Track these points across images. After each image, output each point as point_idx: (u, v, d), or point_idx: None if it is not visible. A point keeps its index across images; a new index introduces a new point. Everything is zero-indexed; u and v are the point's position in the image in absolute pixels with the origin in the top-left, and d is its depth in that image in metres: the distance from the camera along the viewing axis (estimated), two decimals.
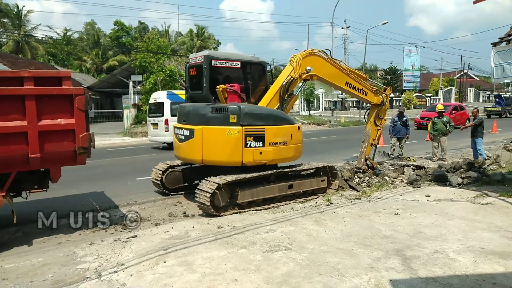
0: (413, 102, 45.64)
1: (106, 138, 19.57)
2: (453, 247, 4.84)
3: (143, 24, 58.75)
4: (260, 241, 5.11)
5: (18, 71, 5.22)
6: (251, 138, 6.70)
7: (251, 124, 6.71)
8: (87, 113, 5.53)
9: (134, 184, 9.48)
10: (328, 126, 28.49)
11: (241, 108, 6.67)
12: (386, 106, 9.84)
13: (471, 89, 61.10)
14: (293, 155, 7.42)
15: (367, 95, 9.26)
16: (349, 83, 8.73)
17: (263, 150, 6.82)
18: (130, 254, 4.78)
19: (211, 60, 7.22)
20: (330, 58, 8.38)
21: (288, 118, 7.45)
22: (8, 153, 5.08)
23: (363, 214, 6.36)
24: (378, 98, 9.54)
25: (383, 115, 9.84)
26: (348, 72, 8.72)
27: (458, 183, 8.45)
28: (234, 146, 6.63)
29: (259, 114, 6.89)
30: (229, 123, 6.62)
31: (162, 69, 25.69)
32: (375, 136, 9.83)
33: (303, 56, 7.86)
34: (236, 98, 7.25)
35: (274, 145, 6.95)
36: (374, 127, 9.75)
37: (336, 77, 8.53)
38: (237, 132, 6.60)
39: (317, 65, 8.06)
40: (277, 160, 7.16)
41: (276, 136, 6.96)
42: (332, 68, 8.40)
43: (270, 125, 6.91)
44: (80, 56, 51.04)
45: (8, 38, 40.22)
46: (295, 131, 7.33)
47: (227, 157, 6.73)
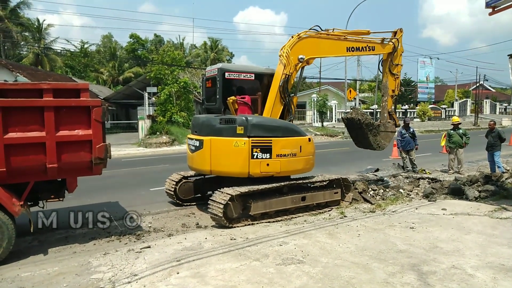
0: (427, 114, 45.10)
1: (121, 149, 19.81)
2: (471, 263, 4.73)
3: (158, 37, 59.77)
4: (273, 254, 5.07)
5: (38, 83, 5.38)
6: (258, 150, 6.71)
7: (258, 136, 6.73)
8: (104, 124, 5.63)
9: (148, 194, 9.55)
10: (341, 138, 28.31)
11: (248, 120, 6.72)
12: (399, 50, 9.04)
13: (487, 100, 60.08)
14: (303, 167, 7.34)
15: (375, 49, 8.73)
16: (350, 47, 8.27)
17: (270, 162, 6.80)
18: (144, 264, 4.80)
19: (224, 72, 7.33)
20: (321, 32, 7.92)
21: (297, 130, 7.41)
22: (27, 163, 5.21)
23: (378, 228, 6.27)
24: (388, 46, 8.86)
25: (397, 61, 9.04)
26: (345, 37, 8.24)
27: (475, 197, 8.28)
28: (241, 157, 6.67)
29: (267, 126, 6.89)
30: (236, 135, 6.70)
31: (177, 80, 26.04)
32: (394, 86, 9.14)
33: (291, 46, 7.45)
34: (246, 109, 7.29)
35: (282, 157, 6.91)
36: (391, 77, 9.08)
37: (333, 48, 8.15)
38: (244, 144, 6.65)
39: (309, 48, 7.68)
40: (285, 172, 7.10)
41: (284, 148, 6.92)
42: (326, 42, 7.98)
43: (278, 137, 6.89)
44: (97, 68, 52.10)
45: (29, 51, 41.39)
46: (305, 143, 7.27)
47: (234, 168, 6.79)
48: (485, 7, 7.94)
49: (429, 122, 42.28)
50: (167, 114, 25.49)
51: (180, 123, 25.46)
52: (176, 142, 22.11)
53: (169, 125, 24.55)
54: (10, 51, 40.63)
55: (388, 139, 9.35)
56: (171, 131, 23.59)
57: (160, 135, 22.86)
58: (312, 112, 40.26)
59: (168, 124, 24.65)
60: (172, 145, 21.61)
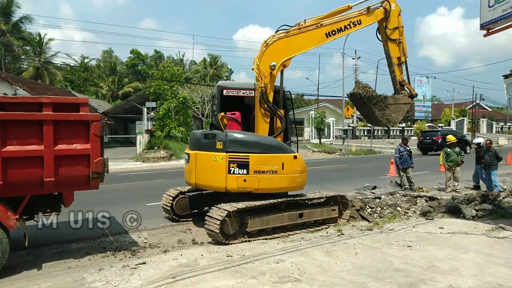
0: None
1: (118, 163, 19.77)
2: (468, 282, 4.70)
3: (158, 52, 60.50)
4: (269, 272, 5.03)
5: (38, 97, 5.41)
6: (235, 165, 6.74)
7: (235, 151, 6.78)
8: (102, 138, 5.64)
9: (144, 209, 9.46)
10: (339, 155, 28.37)
11: (227, 135, 6.85)
12: (394, 12, 8.07)
13: (484, 119, 60.64)
14: (287, 185, 7.14)
15: (361, 22, 7.86)
16: (329, 32, 7.59)
17: (247, 178, 6.77)
18: (139, 281, 4.75)
19: (222, 90, 7.41)
20: (290, 29, 7.43)
21: (281, 146, 7.16)
22: (24, 176, 5.19)
23: (375, 246, 6.24)
24: (376, 13, 8.03)
25: (394, 23, 8.08)
26: (320, 24, 7.56)
27: (472, 216, 8.27)
28: (219, 172, 6.80)
29: (245, 142, 6.88)
30: (216, 149, 6.87)
31: (176, 96, 26.21)
32: (398, 53, 8.22)
33: (259, 57, 7.17)
34: (235, 125, 7.30)
35: (261, 173, 6.84)
36: (391, 43, 8.19)
37: (309, 40, 7.53)
38: (222, 158, 6.77)
39: (280, 51, 7.28)
40: (264, 190, 6.94)
41: (262, 164, 6.83)
42: (299, 36, 7.42)
43: (257, 153, 6.83)
44: (96, 83, 52.47)
45: (29, 64, 41.70)
46: (288, 161, 7.06)
47: (213, 182, 6.99)
48: (480, 28, 8.10)
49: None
50: (165, 129, 25.58)
51: (178, 138, 25.53)
52: (174, 157, 22.10)
53: (167, 140, 24.61)
54: (10, 65, 40.93)
55: (401, 112, 8.55)
56: (169, 146, 23.62)
57: (158, 149, 22.87)
58: (310, 128, 40.44)
59: (166, 139, 24.71)
60: (169, 160, 21.59)
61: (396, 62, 8.29)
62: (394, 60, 8.28)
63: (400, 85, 8.33)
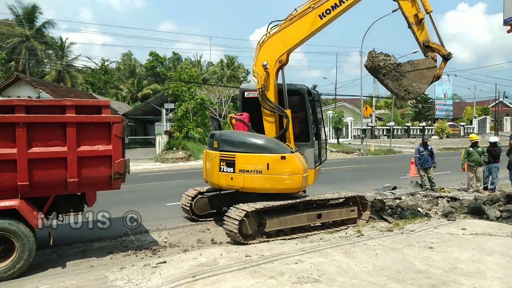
0: (446, 131, 44.44)
1: (138, 164, 20.09)
2: (494, 285, 4.58)
3: (176, 54, 61.03)
4: (288, 272, 5.03)
5: (61, 100, 5.56)
6: (224, 164, 7.05)
7: (225, 150, 7.09)
8: (123, 140, 5.76)
9: (164, 209, 9.63)
10: (357, 155, 28.06)
11: (220, 135, 7.32)
12: None
13: (508, 118, 58.89)
14: (272, 186, 6.83)
15: None
16: (323, 12, 7.05)
17: (233, 176, 6.94)
18: (159, 280, 4.82)
19: (243, 92, 7.89)
20: (282, 23, 7.23)
21: (267, 147, 6.90)
22: (48, 177, 5.35)
23: (396, 247, 6.15)
24: None
25: None
26: (312, 6, 7.09)
27: (496, 217, 8.05)
28: (215, 169, 7.21)
29: (231, 141, 7.11)
30: (214, 148, 7.35)
31: (194, 97, 26.46)
32: (412, 9, 7.15)
33: (255, 59, 7.27)
34: (241, 126, 7.53)
35: (245, 172, 6.85)
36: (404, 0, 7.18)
37: (303, 28, 7.12)
38: (215, 157, 7.21)
39: (273, 48, 7.18)
40: (249, 189, 6.91)
41: (247, 163, 6.84)
42: (290, 28, 7.15)
43: (242, 152, 6.90)
44: (116, 85, 53.39)
45: (52, 68, 42.82)
46: (274, 161, 6.75)
47: (212, 179, 7.43)
48: (503, 24, 7.90)
49: (448, 140, 41.58)
50: (183, 130, 25.85)
51: (196, 139, 25.75)
52: (192, 158, 22.31)
53: (185, 140, 24.86)
54: (34, 68, 42.08)
55: (425, 79, 7.22)
56: (187, 146, 23.86)
57: (177, 150, 23.13)
58: (328, 128, 40.17)
59: (185, 140, 24.96)
60: (188, 161, 21.81)
61: (413, 21, 7.13)
62: (411, 20, 7.14)
63: (424, 46, 7.14)
